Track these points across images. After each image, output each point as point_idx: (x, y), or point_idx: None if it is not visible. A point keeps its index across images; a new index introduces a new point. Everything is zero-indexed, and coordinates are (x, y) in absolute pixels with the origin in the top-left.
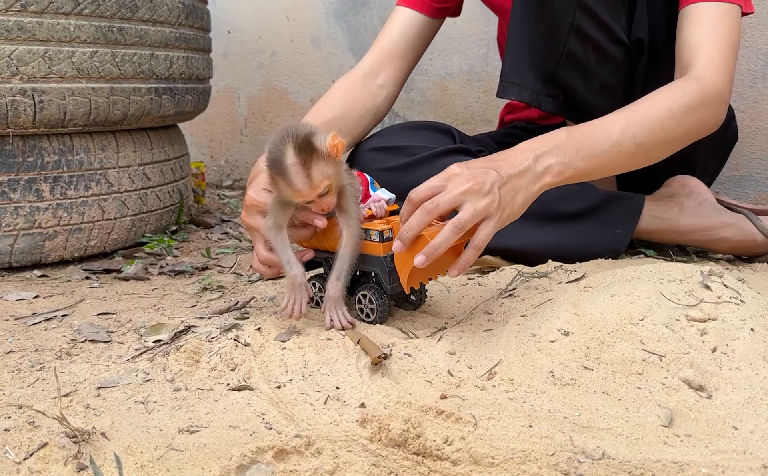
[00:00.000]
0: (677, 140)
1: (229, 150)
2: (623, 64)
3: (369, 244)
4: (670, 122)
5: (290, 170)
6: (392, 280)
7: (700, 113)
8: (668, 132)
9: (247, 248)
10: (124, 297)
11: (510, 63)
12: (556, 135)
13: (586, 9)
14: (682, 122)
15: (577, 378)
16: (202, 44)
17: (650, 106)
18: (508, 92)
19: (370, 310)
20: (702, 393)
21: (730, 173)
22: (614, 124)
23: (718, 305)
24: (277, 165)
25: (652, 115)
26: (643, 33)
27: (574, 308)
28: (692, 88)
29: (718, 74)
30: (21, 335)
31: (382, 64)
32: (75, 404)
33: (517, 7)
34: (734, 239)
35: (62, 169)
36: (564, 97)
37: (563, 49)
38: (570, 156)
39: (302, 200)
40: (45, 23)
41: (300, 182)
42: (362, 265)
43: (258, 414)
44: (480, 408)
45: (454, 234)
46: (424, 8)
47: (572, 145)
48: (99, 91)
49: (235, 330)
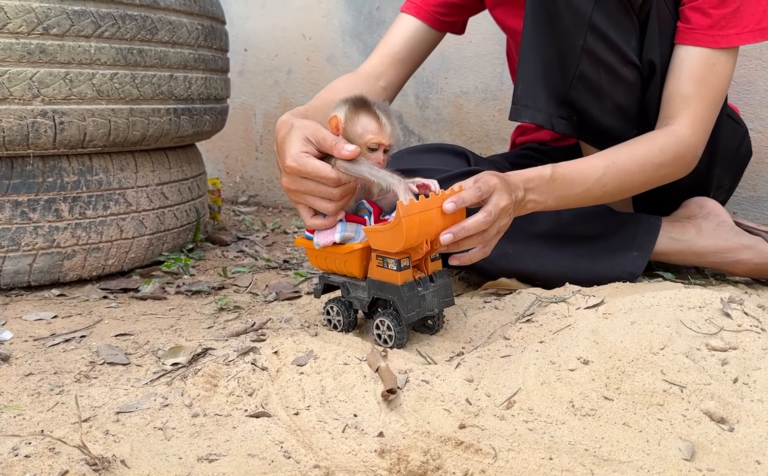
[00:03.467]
0: (638, 190)
1: (244, 167)
2: (635, 85)
3: (387, 271)
4: (639, 177)
5: (379, 108)
6: (410, 308)
7: (669, 169)
8: (634, 184)
9: (263, 268)
10: (142, 317)
11: (522, 86)
12: (543, 173)
13: (597, 31)
14: (649, 178)
15: (597, 408)
16: (220, 65)
17: (627, 161)
18: (521, 115)
19: (388, 336)
20: (724, 426)
21: (747, 193)
22: (593, 171)
23: (739, 333)
24: (367, 104)
25: (627, 170)
26: (654, 55)
27: (593, 335)
28: (669, 147)
29: (696, 135)
30: (40, 357)
31: (385, 68)
32: (94, 429)
33: (528, 29)
34: (752, 262)
35: (81, 189)
36: (577, 119)
37: (575, 71)
38: (545, 196)
39: (375, 140)
40: (66, 46)
41: (384, 120)
42: (380, 292)
43: (276, 442)
44: (499, 439)
45: (476, 198)
46: (429, 19)
47: (550, 187)
48: (119, 113)
49: (252, 353)
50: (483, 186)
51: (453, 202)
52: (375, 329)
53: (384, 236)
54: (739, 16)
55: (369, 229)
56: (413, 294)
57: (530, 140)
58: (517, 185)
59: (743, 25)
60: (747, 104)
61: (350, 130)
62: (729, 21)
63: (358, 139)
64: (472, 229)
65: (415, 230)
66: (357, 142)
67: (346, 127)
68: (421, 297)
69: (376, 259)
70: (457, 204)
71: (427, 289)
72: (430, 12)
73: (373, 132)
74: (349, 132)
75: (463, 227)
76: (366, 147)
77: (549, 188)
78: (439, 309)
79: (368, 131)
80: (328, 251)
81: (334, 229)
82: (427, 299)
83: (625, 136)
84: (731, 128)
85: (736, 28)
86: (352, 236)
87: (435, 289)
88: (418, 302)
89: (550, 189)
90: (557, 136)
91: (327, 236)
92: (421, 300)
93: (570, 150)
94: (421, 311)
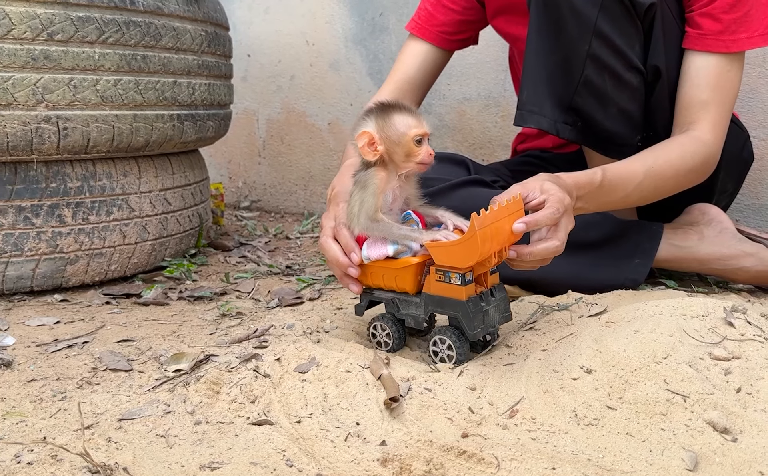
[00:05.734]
0: (667, 195)
1: (247, 172)
2: (639, 90)
3: (449, 287)
4: (672, 182)
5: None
6: (475, 324)
7: (696, 175)
8: (666, 188)
9: (265, 273)
10: (144, 323)
11: (527, 92)
12: (593, 179)
13: (602, 36)
14: (680, 182)
15: (600, 417)
16: (223, 71)
17: (664, 166)
18: (526, 121)
19: (447, 355)
20: (727, 436)
21: (750, 201)
22: (634, 176)
23: (742, 342)
24: (392, 104)
25: (663, 175)
26: (659, 60)
27: (596, 344)
28: (698, 154)
29: (717, 140)
30: (42, 363)
31: (402, 94)
32: (97, 437)
33: (533, 36)
34: (754, 269)
35: (85, 194)
36: (582, 125)
37: (580, 77)
38: (590, 202)
39: (419, 132)
40: (70, 52)
41: (416, 111)
42: (440, 308)
43: (279, 450)
44: (502, 448)
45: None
46: (439, 41)
47: (598, 193)
48: (122, 118)
49: (254, 360)
50: (558, 206)
51: (524, 224)
52: (432, 346)
53: (454, 250)
54: (749, 20)
55: (434, 244)
56: (478, 310)
57: (532, 147)
58: (570, 189)
59: (753, 28)
60: (750, 112)
61: (389, 134)
62: (740, 25)
63: (402, 138)
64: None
65: (488, 243)
66: (401, 142)
67: (383, 134)
68: (484, 313)
69: (435, 274)
70: (529, 226)
71: (489, 304)
72: (435, 33)
73: (414, 125)
74: (388, 137)
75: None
76: (412, 142)
77: (596, 194)
78: (500, 324)
79: (410, 126)
80: (377, 265)
81: (385, 241)
82: (490, 314)
83: (629, 141)
84: (734, 133)
85: (747, 32)
86: (404, 250)
87: (496, 303)
88: (482, 317)
89: (597, 195)
90: (559, 142)
91: (379, 249)
92: (485, 315)
93: (573, 157)
94: (485, 327)
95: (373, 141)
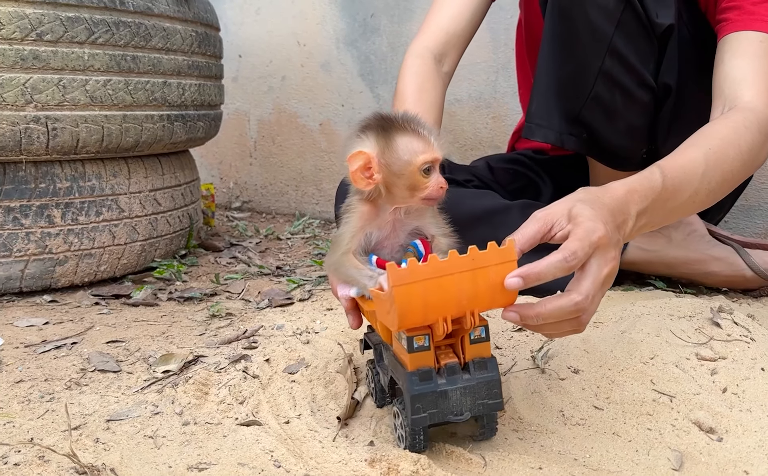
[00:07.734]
0: (738, 181)
1: (238, 172)
2: (649, 107)
3: (401, 348)
4: (737, 162)
5: (410, 121)
6: (418, 407)
7: (761, 149)
8: (734, 172)
9: (255, 274)
10: (134, 324)
11: (536, 104)
12: (653, 182)
13: (617, 54)
14: (745, 162)
15: (587, 417)
16: (214, 71)
17: (722, 144)
18: (534, 134)
19: (400, 435)
20: (713, 436)
21: (738, 202)
22: (696, 165)
23: (728, 343)
24: (395, 122)
25: (725, 155)
26: (671, 78)
27: (583, 344)
28: (751, 121)
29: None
30: (31, 364)
31: (450, 48)
32: (84, 437)
33: (546, 47)
34: (723, 274)
35: (74, 195)
36: (587, 137)
37: (590, 92)
38: (655, 215)
39: (427, 159)
40: (60, 52)
41: (424, 132)
42: (395, 373)
43: (267, 451)
44: (489, 448)
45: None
46: None
47: (662, 198)
48: (112, 119)
49: (243, 361)
50: (576, 248)
51: (520, 277)
52: (393, 418)
53: (383, 304)
54: None
55: (374, 292)
56: (426, 388)
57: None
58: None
59: None
60: None
61: (391, 161)
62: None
63: (407, 167)
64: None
65: (418, 303)
66: (403, 173)
67: (382, 160)
68: (440, 394)
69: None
70: (527, 281)
71: (453, 383)
72: None
73: (422, 150)
74: (388, 165)
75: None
76: (419, 173)
77: (661, 201)
78: (474, 413)
79: (416, 152)
80: (360, 301)
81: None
82: (451, 398)
83: (634, 155)
84: None
85: None
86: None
87: (469, 385)
88: (435, 400)
89: (662, 202)
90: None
91: (345, 287)
92: (440, 398)
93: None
94: (438, 413)
95: (369, 165)
